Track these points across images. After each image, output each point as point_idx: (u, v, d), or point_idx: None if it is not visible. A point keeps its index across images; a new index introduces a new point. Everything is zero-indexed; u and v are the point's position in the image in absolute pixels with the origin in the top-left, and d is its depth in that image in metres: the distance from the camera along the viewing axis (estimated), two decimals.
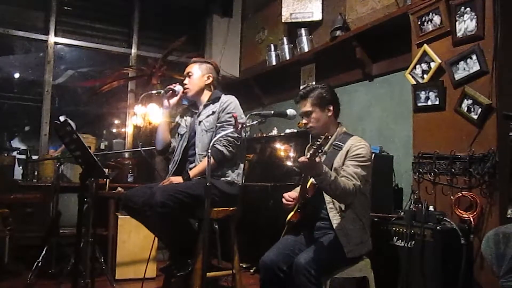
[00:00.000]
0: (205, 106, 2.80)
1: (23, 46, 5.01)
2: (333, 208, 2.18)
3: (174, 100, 2.80)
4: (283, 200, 2.30)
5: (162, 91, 2.81)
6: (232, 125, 2.48)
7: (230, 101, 2.73)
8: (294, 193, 2.34)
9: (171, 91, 2.78)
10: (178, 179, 2.58)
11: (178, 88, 2.79)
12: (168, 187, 2.46)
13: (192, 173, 2.60)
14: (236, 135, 2.59)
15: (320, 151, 1.92)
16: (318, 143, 1.89)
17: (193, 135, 2.77)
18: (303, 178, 2.21)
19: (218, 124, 2.66)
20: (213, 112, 2.72)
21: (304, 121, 2.35)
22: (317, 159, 1.92)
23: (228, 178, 2.64)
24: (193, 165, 2.68)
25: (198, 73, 2.82)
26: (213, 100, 2.79)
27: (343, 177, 2.11)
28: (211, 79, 2.84)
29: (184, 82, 2.83)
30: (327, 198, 2.20)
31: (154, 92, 2.97)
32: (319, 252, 2.06)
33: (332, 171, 2.18)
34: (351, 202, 2.16)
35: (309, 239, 2.26)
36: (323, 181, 1.99)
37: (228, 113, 2.66)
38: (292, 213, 2.28)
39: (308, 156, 1.90)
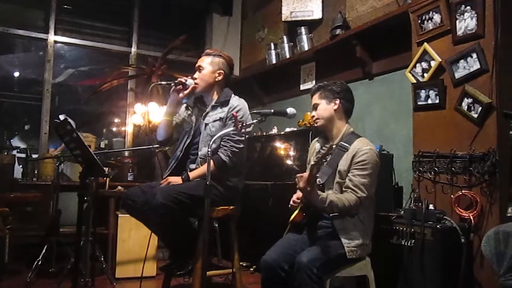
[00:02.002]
0: (213, 107, 2.69)
1: (23, 44, 5.01)
2: None
3: (183, 94, 2.65)
4: (291, 202, 2.32)
5: (172, 83, 2.66)
6: (242, 138, 2.50)
7: (239, 108, 2.61)
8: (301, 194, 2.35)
9: (181, 85, 2.64)
10: (177, 180, 2.56)
11: (189, 82, 2.64)
12: (169, 188, 2.44)
13: (192, 175, 2.56)
14: (241, 145, 2.56)
15: (321, 163, 2.01)
16: (319, 157, 1.97)
17: (198, 133, 2.70)
18: None
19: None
20: (221, 119, 2.62)
21: (312, 113, 2.39)
22: (309, 188, 1.97)
23: (229, 183, 2.61)
24: (193, 166, 2.65)
25: (208, 69, 2.69)
26: (222, 103, 2.67)
27: (347, 189, 2.15)
28: (222, 76, 2.72)
29: (194, 76, 2.70)
30: None
31: (163, 83, 2.82)
32: (321, 251, 2.07)
33: (336, 175, 2.22)
34: (356, 213, 2.18)
35: (311, 238, 2.26)
36: (317, 207, 2.10)
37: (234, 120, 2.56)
38: (295, 213, 2.28)
39: (305, 180, 1.95)
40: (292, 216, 2.29)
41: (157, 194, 2.36)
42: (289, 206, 2.33)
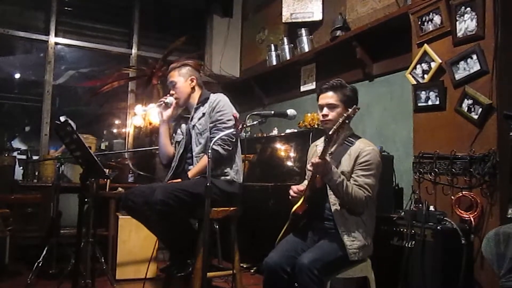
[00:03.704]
0: (196, 109, 2.79)
1: (23, 46, 5.02)
2: (337, 209, 2.18)
3: (168, 112, 2.78)
4: (291, 191, 2.31)
5: (155, 105, 2.80)
6: (229, 125, 2.52)
7: (218, 99, 2.70)
8: (302, 186, 2.34)
9: (163, 104, 2.76)
10: (177, 181, 2.58)
11: (169, 99, 2.77)
12: (168, 186, 2.46)
13: (190, 173, 2.59)
14: (228, 131, 2.58)
15: (330, 147, 2.06)
16: (330, 133, 2.00)
17: (189, 141, 2.77)
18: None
19: (211, 125, 2.65)
20: (204, 114, 2.71)
21: (324, 112, 2.30)
22: (327, 158, 2.01)
23: (228, 177, 2.63)
24: (191, 167, 2.68)
25: (181, 80, 2.79)
26: (202, 101, 2.77)
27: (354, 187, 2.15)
28: (194, 81, 2.82)
29: (171, 92, 2.81)
30: (332, 198, 2.20)
31: (146, 108, 3.05)
32: (323, 252, 2.07)
33: (339, 171, 2.20)
34: (362, 212, 2.17)
35: (312, 239, 2.26)
36: (330, 180, 2.08)
37: (218, 112, 2.64)
38: (298, 205, 2.27)
39: (319, 155, 2.01)
40: (294, 208, 2.28)
41: (157, 191, 2.37)
42: (289, 197, 2.32)
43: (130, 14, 5.22)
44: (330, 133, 2.01)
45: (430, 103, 2.68)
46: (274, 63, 4.66)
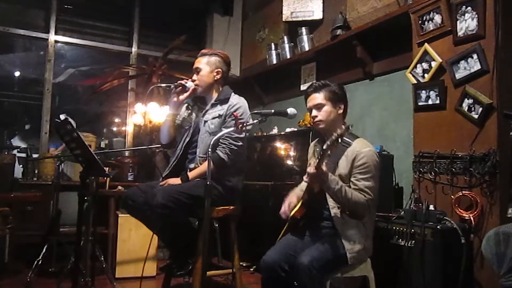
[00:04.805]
0: (213, 105, 2.69)
1: (23, 44, 5.02)
2: (337, 212, 2.17)
3: (183, 96, 2.66)
4: (282, 215, 2.31)
5: (172, 86, 2.66)
6: (242, 136, 2.47)
7: (238, 106, 2.60)
8: (294, 198, 2.34)
9: (181, 87, 2.64)
10: (176, 181, 2.55)
11: (189, 84, 2.64)
12: (169, 188, 2.44)
13: (191, 175, 2.55)
14: (240, 143, 2.54)
15: (327, 155, 1.99)
16: (324, 148, 1.92)
17: (197, 132, 2.70)
18: None
19: (224, 130, 2.55)
20: (220, 116, 2.61)
21: (314, 114, 2.29)
22: (323, 167, 1.97)
23: (229, 183, 2.59)
24: (192, 165, 2.64)
25: (206, 69, 2.68)
26: (222, 101, 2.66)
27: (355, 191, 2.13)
28: (220, 74, 2.71)
29: (193, 78, 2.70)
30: (331, 201, 2.19)
31: (163, 85, 2.80)
32: (322, 252, 2.06)
33: (336, 175, 2.17)
34: (364, 215, 2.15)
35: (311, 238, 2.25)
36: (328, 189, 2.06)
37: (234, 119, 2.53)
38: (296, 209, 2.27)
39: (315, 165, 1.96)
40: (293, 211, 2.28)
41: (157, 194, 2.35)
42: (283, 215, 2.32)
43: (130, 12, 5.22)
44: (324, 148, 1.93)
45: (430, 102, 2.68)
46: (274, 62, 4.66)
